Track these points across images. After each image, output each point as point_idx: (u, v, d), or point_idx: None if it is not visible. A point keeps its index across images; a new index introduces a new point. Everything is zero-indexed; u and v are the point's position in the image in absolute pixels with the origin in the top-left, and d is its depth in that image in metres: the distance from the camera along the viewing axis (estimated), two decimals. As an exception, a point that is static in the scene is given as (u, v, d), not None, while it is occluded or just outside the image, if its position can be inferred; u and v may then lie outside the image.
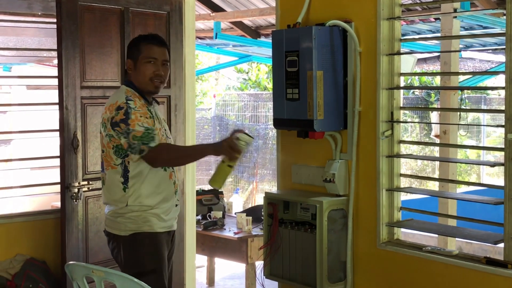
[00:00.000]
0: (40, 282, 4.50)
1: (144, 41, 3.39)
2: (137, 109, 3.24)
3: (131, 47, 3.43)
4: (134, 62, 3.36)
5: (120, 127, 3.20)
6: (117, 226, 3.32)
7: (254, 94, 16.01)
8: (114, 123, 3.22)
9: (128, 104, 3.23)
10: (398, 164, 3.66)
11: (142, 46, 3.36)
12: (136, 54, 3.36)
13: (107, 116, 3.26)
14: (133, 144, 3.19)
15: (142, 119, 3.22)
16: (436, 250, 3.42)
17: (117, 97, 3.30)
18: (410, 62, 6.93)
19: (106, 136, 3.29)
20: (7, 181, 7.79)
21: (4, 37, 7.80)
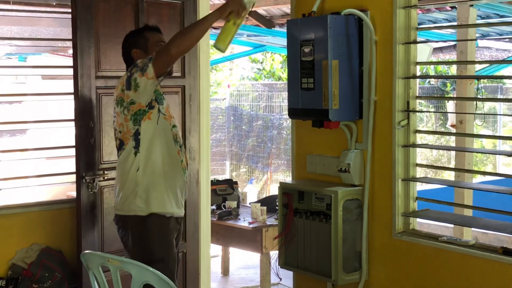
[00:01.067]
0: (56, 271, 4.53)
1: (147, 30, 3.59)
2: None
3: (135, 38, 3.56)
4: (143, 49, 3.50)
5: (137, 65, 3.30)
6: (127, 207, 3.37)
7: (268, 84, 15.96)
8: (130, 76, 3.32)
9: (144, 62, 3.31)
10: (414, 154, 3.64)
11: (147, 34, 3.55)
12: (143, 42, 3.51)
13: (119, 90, 3.40)
14: (144, 61, 3.28)
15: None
16: (452, 240, 3.40)
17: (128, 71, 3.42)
18: (426, 51, 6.88)
19: (123, 111, 3.37)
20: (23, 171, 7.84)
21: (19, 27, 7.82)
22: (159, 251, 3.33)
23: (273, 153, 12.73)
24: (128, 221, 3.39)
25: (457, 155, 6.19)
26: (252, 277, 6.89)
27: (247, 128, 13.47)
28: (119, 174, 3.49)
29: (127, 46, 3.58)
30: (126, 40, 3.61)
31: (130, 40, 3.59)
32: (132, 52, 3.53)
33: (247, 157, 13.13)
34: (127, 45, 3.59)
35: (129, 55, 3.57)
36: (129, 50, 3.55)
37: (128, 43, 3.58)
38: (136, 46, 3.52)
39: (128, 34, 3.67)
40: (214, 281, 6.46)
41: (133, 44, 3.53)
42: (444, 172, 12.19)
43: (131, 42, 3.55)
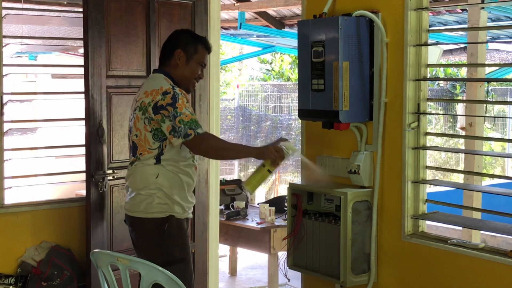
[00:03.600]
0: (65, 269, 4.54)
1: (202, 44, 3.50)
2: (183, 95, 3.30)
3: (190, 42, 3.47)
4: (187, 57, 3.44)
5: (167, 110, 3.23)
6: (144, 209, 3.33)
7: (278, 84, 15.97)
8: (160, 107, 3.24)
9: (174, 90, 3.28)
10: (424, 156, 3.63)
11: (200, 48, 3.48)
12: (192, 51, 3.45)
13: (148, 100, 3.28)
14: (179, 128, 3.22)
15: (187, 105, 3.28)
16: (462, 243, 3.40)
17: (160, 83, 3.33)
18: (436, 53, 6.86)
19: (143, 119, 3.30)
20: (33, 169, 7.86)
21: (30, 26, 7.84)
22: (179, 252, 3.32)
23: (281, 154, 12.71)
24: (145, 223, 3.35)
25: (466, 158, 6.18)
26: (259, 277, 6.89)
27: (256, 128, 13.47)
28: (134, 178, 3.42)
29: (175, 42, 3.49)
30: (178, 37, 3.52)
31: (182, 39, 3.50)
32: (176, 51, 3.45)
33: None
34: (175, 41, 3.50)
35: (170, 51, 3.48)
36: (174, 47, 3.47)
37: (178, 40, 3.49)
38: (184, 50, 3.46)
39: (184, 32, 3.59)
40: (221, 281, 6.47)
41: (183, 46, 3.46)
42: (452, 174, 12.15)
43: (182, 42, 3.47)
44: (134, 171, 3.41)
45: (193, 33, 3.68)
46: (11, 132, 4.67)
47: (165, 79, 3.39)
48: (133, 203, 3.40)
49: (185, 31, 3.63)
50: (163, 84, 3.33)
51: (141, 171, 3.36)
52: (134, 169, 3.41)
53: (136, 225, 3.40)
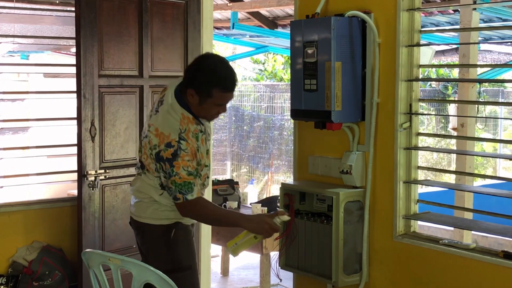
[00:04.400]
0: (56, 269, 4.53)
1: (220, 88, 3.08)
2: (186, 151, 3.04)
3: (204, 85, 3.07)
4: (200, 99, 3.09)
5: (165, 165, 3.05)
6: (150, 215, 3.22)
7: (270, 85, 15.97)
8: (161, 158, 3.05)
9: (179, 144, 3.03)
10: (416, 157, 3.64)
11: (215, 93, 3.07)
12: (205, 95, 3.08)
13: (155, 141, 3.08)
14: (170, 188, 3.06)
15: (188, 163, 3.05)
16: (453, 244, 3.41)
17: (170, 128, 3.07)
18: (428, 54, 6.88)
19: (150, 153, 3.12)
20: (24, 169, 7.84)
21: (22, 25, 7.82)
22: (187, 259, 3.22)
23: (274, 154, 12.74)
24: (152, 229, 3.23)
25: (458, 158, 6.19)
26: (251, 277, 6.89)
27: (249, 128, 13.48)
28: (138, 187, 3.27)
29: (190, 80, 3.12)
30: (193, 75, 3.11)
31: (196, 78, 3.10)
32: (188, 90, 3.10)
33: (248, 158, 13.13)
34: (189, 78, 3.12)
35: (186, 85, 3.13)
36: (188, 83, 3.11)
37: (192, 78, 3.11)
38: (197, 91, 3.08)
39: (201, 71, 3.10)
40: (213, 281, 6.46)
41: (196, 87, 3.08)
42: (444, 175, 12.19)
43: (196, 82, 3.09)
44: (140, 181, 3.26)
45: (213, 69, 3.10)
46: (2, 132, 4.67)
47: (181, 118, 3.09)
48: (139, 208, 3.27)
49: (205, 65, 3.13)
50: (173, 130, 3.06)
51: (147, 184, 3.22)
52: (140, 179, 3.27)
53: (142, 230, 3.28)
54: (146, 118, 3.35)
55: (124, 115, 4.66)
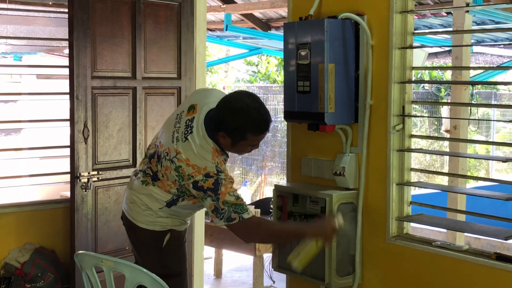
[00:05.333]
0: (49, 271, 4.52)
1: (253, 132, 3.04)
2: (227, 180, 3.00)
3: (237, 130, 3.00)
4: (232, 142, 3.05)
5: (207, 194, 2.98)
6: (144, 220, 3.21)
7: (264, 86, 15.98)
8: (200, 187, 2.98)
9: (218, 175, 2.98)
10: (409, 159, 3.64)
11: (248, 136, 3.04)
12: (238, 138, 3.04)
13: (188, 170, 2.99)
14: (222, 210, 2.97)
15: (232, 189, 3.00)
16: (446, 245, 3.41)
17: (205, 160, 3.01)
18: (421, 56, 6.90)
19: (175, 178, 3.05)
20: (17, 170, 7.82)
21: (15, 26, 7.81)
22: (177, 266, 3.23)
23: (267, 156, 12.74)
24: (144, 233, 3.22)
25: (451, 160, 6.20)
26: (245, 279, 6.89)
27: (242, 130, 13.46)
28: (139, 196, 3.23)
29: (222, 124, 3.02)
30: (225, 120, 3.00)
31: (228, 122, 3.00)
32: (220, 132, 3.03)
33: (241, 159, 13.13)
34: (221, 123, 3.02)
35: (216, 128, 3.04)
36: (219, 128, 3.02)
37: (224, 124, 3.01)
38: (227, 133, 3.01)
39: (233, 116, 3.00)
40: (206, 283, 6.46)
41: (228, 130, 3.00)
42: (437, 177, 12.21)
43: (228, 126, 3.00)
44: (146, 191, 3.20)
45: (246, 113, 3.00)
46: (-5, 133, 4.65)
47: (213, 155, 3.03)
48: (133, 210, 3.24)
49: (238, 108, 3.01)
50: (208, 163, 2.99)
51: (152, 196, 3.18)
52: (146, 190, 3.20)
53: (133, 231, 3.27)
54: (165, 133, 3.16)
55: (117, 117, 4.65)
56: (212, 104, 3.11)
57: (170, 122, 3.21)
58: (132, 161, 4.73)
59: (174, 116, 3.21)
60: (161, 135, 3.23)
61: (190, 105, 3.18)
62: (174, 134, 3.10)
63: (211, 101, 3.13)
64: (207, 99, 3.18)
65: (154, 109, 4.87)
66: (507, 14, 7.38)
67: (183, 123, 3.11)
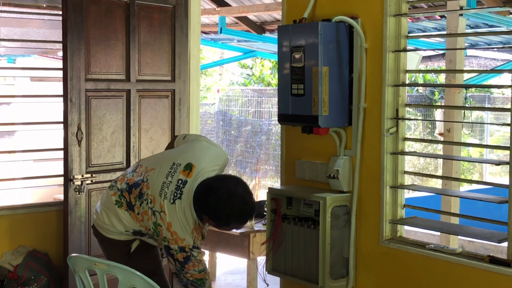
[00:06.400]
0: (42, 274, 4.51)
1: (237, 223, 3.19)
2: (198, 258, 3.16)
3: (221, 220, 3.09)
4: (216, 225, 3.16)
5: (175, 263, 3.14)
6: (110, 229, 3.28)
7: (258, 89, 16.00)
8: (171, 254, 3.13)
9: (192, 252, 3.12)
10: (402, 162, 3.65)
11: (232, 223, 3.18)
12: (221, 224, 3.16)
13: (166, 234, 3.07)
14: (181, 279, 3.19)
15: (199, 264, 3.18)
16: (440, 248, 3.41)
17: (185, 231, 3.09)
18: (415, 59, 6.91)
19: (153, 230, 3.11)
20: (10, 173, 7.80)
21: (8, 29, 7.79)
22: (148, 266, 3.25)
23: (261, 159, 12.74)
24: (110, 241, 3.31)
25: (444, 163, 6.21)
26: (238, 282, 6.88)
27: (236, 133, 13.48)
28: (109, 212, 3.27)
29: (207, 211, 3.08)
30: (210, 208, 3.06)
31: (213, 214, 3.07)
32: (205, 216, 3.11)
33: (236, 162, 13.13)
34: (207, 210, 3.08)
35: (202, 211, 3.10)
36: (205, 213, 3.09)
37: (210, 212, 3.07)
38: (214, 221, 3.11)
39: (218, 206, 3.05)
40: (200, 286, 6.44)
41: (214, 218, 3.09)
42: (430, 180, 12.23)
43: (213, 217, 3.08)
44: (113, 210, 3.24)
45: (229, 206, 3.07)
46: (-12, 135, 4.64)
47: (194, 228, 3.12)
48: (100, 222, 3.32)
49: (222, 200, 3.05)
50: (187, 237, 3.09)
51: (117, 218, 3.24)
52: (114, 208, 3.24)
53: (100, 239, 3.37)
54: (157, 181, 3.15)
55: (111, 119, 4.65)
56: (208, 174, 3.16)
57: (165, 165, 3.20)
58: (126, 163, 4.72)
59: (170, 162, 3.20)
60: (151, 172, 3.21)
61: (187, 163, 3.18)
62: (163, 187, 3.13)
63: (209, 171, 3.18)
64: (205, 163, 3.21)
65: (148, 112, 4.86)
66: (500, 18, 7.40)
67: (175, 181, 3.13)
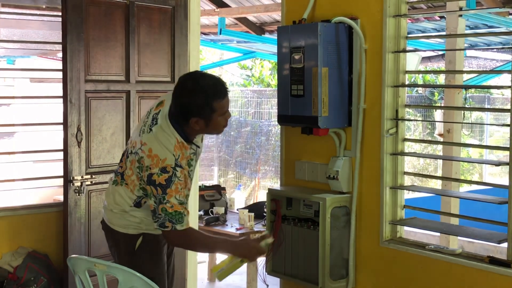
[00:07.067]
0: (41, 275, 4.50)
1: (217, 98, 3.06)
2: (180, 179, 3.02)
3: (202, 106, 3.03)
4: (205, 121, 3.07)
5: (156, 190, 3.00)
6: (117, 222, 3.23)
7: (258, 90, 15.98)
8: (152, 181, 2.99)
9: (175, 171, 3.00)
10: (402, 162, 3.65)
11: (215, 105, 3.05)
12: (208, 113, 3.05)
13: (148, 162, 3.00)
14: (159, 215, 3.02)
15: (181, 191, 3.03)
16: (439, 249, 3.42)
17: (167, 149, 3.03)
18: (415, 60, 6.91)
19: (136, 171, 3.07)
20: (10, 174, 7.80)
21: (8, 30, 7.79)
22: (149, 271, 3.21)
23: (261, 160, 12.74)
24: (119, 236, 3.24)
25: (444, 164, 6.21)
26: (238, 283, 6.87)
27: (236, 134, 13.47)
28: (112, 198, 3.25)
29: (187, 110, 3.06)
30: (188, 104, 3.04)
31: (192, 106, 3.04)
32: (190, 120, 3.05)
33: (235, 163, 13.12)
34: (186, 109, 3.06)
35: (182, 117, 3.07)
36: (186, 116, 3.06)
37: (188, 109, 3.05)
38: (200, 116, 3.05)
39: (191, 96, 3.04)
40: (200, 287, 6.44)
41: (196, 113, 3.04)
42: (430, 180, 12.23)
43: (194, 110, 3.04)
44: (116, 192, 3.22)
45: (200, 86, 3.06)
46: (-12, 137, 4.64)
47: (175, 147, 3.05)
48: (109, 215, 3.28)
49: (190, 95, 3.06)
50: (168, 156, 3.01)
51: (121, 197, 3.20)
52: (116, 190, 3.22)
53: (110, 234, 3.30)
54: (135, 130, 3.24)
55: (111, 120, 4.65)
56: None
57: (142, 119, 3.26)
58: (126, 164, 4.72)
59: (146, 113, 3.26)
60: (133, 133, 3.28)
61: (159, 102, 3.22)
62: (142, 128, 3.16)
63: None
64: None
65: (148, 113, 4.86)
66: (500, 18, 7.40)
67: (151, 117, 3.16)
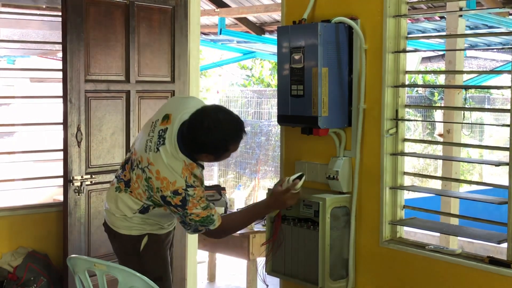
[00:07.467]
0: (41, 275, 4.50)
1: (232, 142, 3.09)
2: (195, 196, 3.05)
3: (217, 147, 3.06)
4: (215, 157, 3.16)
5: (176, 209, 3.06)
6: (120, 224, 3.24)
7: (258, 90, 15.98)
8: (168, 202, 3.05)
9: (187, 191, 3.03)
10: (402, 162, 3.65)
11: (231, 147, 3.11)
12: (220, 153, 3.12)
13: (157, 184, 3.03)
14: (189, 224, 3.10)
15: (200, 201, 3.08)
16: (439, 249, 3.41)
17: (175, 175, 3.03)
18: (415, 60, 6.92)
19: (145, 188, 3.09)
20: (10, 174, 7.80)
21: (8, 30, 7.79)
22: (156, 270, 3.22)
23: (261, 160, 12.74)
24: (122, 238, 3.25)
25: (444, 164, 6.22)
26: (238, 283, 6.88)
27: (236, 134, 13.45)
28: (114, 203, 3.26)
29: (202, 148, 3.05)
30: (204, 143, 3.02)
31: (209, 148, 3.04)
32: (201, 155, 3.09)
33: (235, 163, 13.12)
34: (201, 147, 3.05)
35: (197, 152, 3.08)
36: (201, 152, 3.07)
37: (205, 148, 3.05)
38: (211, 153, 3.09)
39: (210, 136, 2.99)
40: (200, 287, 6.45)
41: (211, 152, 3.08)
42: (430, 181, 12.23)
43: (210, 150, 3.06)
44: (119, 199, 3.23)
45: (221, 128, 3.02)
46: (-12, 136, 4.64)
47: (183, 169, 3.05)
48: (111, 217, 3.29)
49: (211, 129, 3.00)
50: (178, 179, 3.03)
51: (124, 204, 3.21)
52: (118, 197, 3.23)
53: (112, 236, 3.32)
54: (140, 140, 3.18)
55: (111, 120, 4.65)
56: (186, 115, 3.10)
57: (146, 129, 3.21)
58: (126, 164, 4.72)
59: (150, 123, 3.21)
60: (137, 142, 3.25)
61: (164, 115, 3.17)
62: (147, 143, 3.12)
63: (186, 112, 3.12)
64: (182, 109, 3.16)
65: (148, 113, 4.86)
66: (500, 19, 7.41)
67: (157, 133, 3.12)
